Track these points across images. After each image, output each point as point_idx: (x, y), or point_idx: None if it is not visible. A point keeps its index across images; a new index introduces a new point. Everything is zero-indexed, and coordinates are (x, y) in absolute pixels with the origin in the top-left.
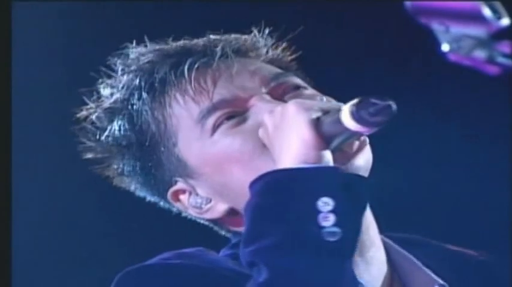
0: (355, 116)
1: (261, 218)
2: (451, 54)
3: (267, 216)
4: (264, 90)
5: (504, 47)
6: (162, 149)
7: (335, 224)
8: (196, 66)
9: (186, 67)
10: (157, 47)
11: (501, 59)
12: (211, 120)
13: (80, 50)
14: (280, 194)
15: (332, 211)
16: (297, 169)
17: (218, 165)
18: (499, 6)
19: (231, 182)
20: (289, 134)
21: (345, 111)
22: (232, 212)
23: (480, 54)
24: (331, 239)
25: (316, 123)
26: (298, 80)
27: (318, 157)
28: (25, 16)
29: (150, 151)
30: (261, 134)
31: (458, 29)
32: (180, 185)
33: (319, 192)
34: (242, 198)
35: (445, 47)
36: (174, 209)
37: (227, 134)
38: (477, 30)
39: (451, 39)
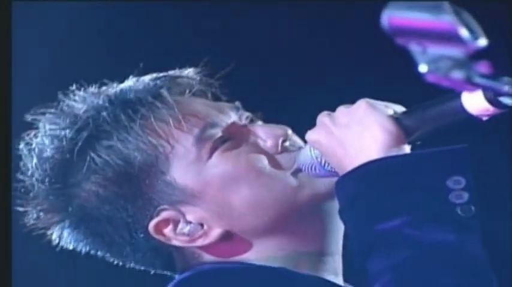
0: (492, 98)
1: (386, 199)
2: (429, 75)
3: (393, 198)
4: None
5: (482, 67)
6: (146, 180)
7: (468, 202)
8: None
9: (166, 94)
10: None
11: (479, 80)
12: (208, 144)
13: (80, 50)
14: (405, 177)
15: (464, 189)
16: (423, 153)
17: (223, 186)
18: (476, 26)
19: (236, 202)
20: (368, 128)
21: (472, 96)
22: (225, 237)
23: (458, 75)
24: (467, 215)
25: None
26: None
27: (403, 148)
28: (25, 16)
29: (129, 184)
30: (314, 137)
31: (435, 49)
32: (166, 213)
33: (449, 171)
34: (246, 217)
35: (423, 68)
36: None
37: (227, 155)
38: (455, 51)
39: (428, 60)
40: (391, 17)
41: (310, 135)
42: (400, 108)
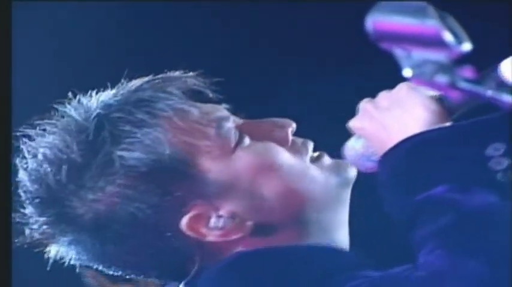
0: None
1: (426, 170)
2: (414, 79)
3: (434, 168)
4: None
5: (466, 72)
6: (174, 176)
7: (508, 168)
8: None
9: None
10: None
11: (463, 84)
12: (228, 138)
13: (80, 50)
14: (445, 147)
15: (503, 155)
16: (461, 124)
17: (251, 178)
18: (460, 31)
19: (266, 193)
20: (410, 109)
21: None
22: (255, 229)
23: (442, 79)
24: (506, 180)
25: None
26: None
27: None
28: (25, 16)
29: (157, 181)
30: (357, 124)
31: (420, 54)
32: (198, 208)
33: (489, 138)
34: (275, 209)
35: (407, 72)
36: None
37: (249, 149)
38: (439, 56)
39: (413, 65)
40: (375, 21)
41: (353, 123)
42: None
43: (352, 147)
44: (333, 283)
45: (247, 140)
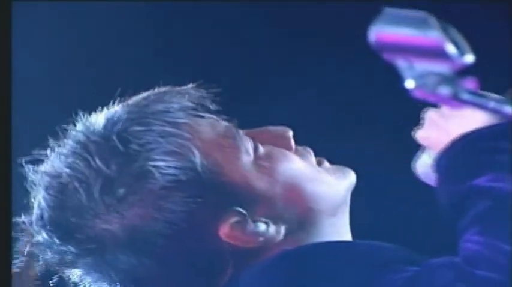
0: None
1: (476, 161)
2: (416, 90)
3: (483, 158)
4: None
5: (469, 83)
6: (207, 183)
7: None
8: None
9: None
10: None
11: (466, 96)
12: (247, 144)
13: (80, 50)
14: (493, 142)
15: None
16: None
17: (281, 184)
18: (462, 42)
19: (295, 197)
20: (471, 114)
21: None
22: (288, 232)
23: (445, 91)
24: None
25: None
26: None
27: None
28: (25, 16)
29: (192, 190)
30: (423, 134)
31: (422, 65)
32: (235, 214)
33: None
34: (304, 212)
35: (409, 84)
36: None
37: (267, 155)
38: (442, 67)
39: (416, 76)
40: (378, 33)
41: (419, 133)
42: None
43: (423, 162)
44: (379, 278)
45: (261, 147)
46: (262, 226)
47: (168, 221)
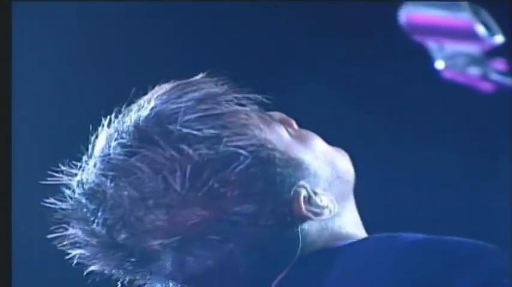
0: None
1: None
2: (446, 71)
3: None
4: None
5: (498, 64)
6: (271, 164)
7: None
8: None
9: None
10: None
11: (495, 76)
12: (280, 124)
13: (80, 50)
14: None
15: None
16: None
17: (321, 158)
18: (492, 23)
19: (334, 172)
20: None
21: None
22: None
23: (474, 71)
24: None
25: None
26: None
27: None
28: (25, 16)
29: (261, 172)
30: None
31: (452, 46)
32: (302, 190)
33: None
34: (341, 186)
35: (439, 65)
36: None
37: (299, 131)
38: (471, 48)
39: (445, 57)
40: (409, 14)
41: None
42: None
43: None
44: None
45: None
46: (324, 198)
47: (248, 202)
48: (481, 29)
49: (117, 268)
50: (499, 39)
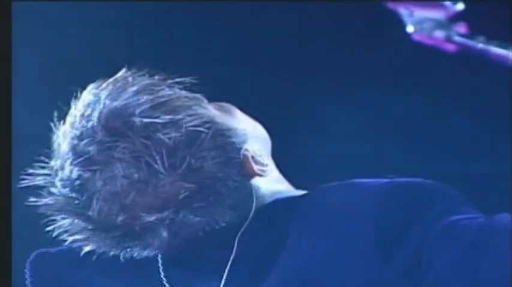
0: None
1: None
2: (415, 34)
3: None
4: None
5: (460, 27)
6: (223, 135)
7: None
8: None
9: None
10: None
11: (457, 38)
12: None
13: (80, 51)
14: None
15: None
16: None
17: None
18: None
19: (260, 131)
20: None
21: None
22: None
23: (439, 34)
24: None
25: None
26: None
27: None
28: (25, 16)
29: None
30: None
31: (421, 13)
32: (249, 153)
33: None
34: (268, 147)
35: (410, 29)
36: None
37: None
38: (437, 14)
39: (415, 22)
40: None
41: None
42: None
43: None
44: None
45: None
46: (264, 158)
47: (216, 169)
48: None
49: (115, 245)
50: (460, 6)
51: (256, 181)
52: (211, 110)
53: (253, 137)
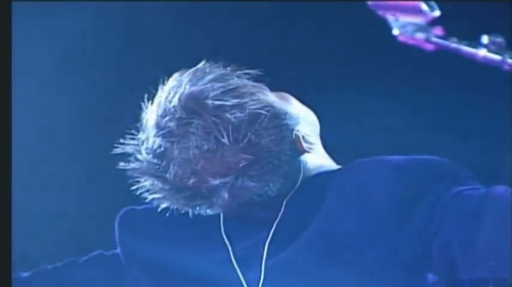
0: None
1: None
2: (400, 36)
3: None
4: None
5: (437, 30)
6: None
7: None
8: None
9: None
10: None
11: (435, 39)
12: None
13: (80, 51)
14: None
15: None
16: None
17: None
18: (433, 3)
19: (311, 117)
20: None
21: None
22: None
23: (420, 36)
24: None
25: None
26: None
27: None
28: (25, 16)
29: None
30: None
31: (404, 18)
32: (298, 133)
33: None
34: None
35: (395, 31)
36: None
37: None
38: (418, 19)
39: (399, 26)
40: None
41: None
42: None
43: None
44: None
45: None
46: (312, 138)
47: (272, 145)
48: (424, 7)
49: (186, 204)
50: (437, 13)
51: (304, 157)
52: (271, 97)
53: (305, 120)
